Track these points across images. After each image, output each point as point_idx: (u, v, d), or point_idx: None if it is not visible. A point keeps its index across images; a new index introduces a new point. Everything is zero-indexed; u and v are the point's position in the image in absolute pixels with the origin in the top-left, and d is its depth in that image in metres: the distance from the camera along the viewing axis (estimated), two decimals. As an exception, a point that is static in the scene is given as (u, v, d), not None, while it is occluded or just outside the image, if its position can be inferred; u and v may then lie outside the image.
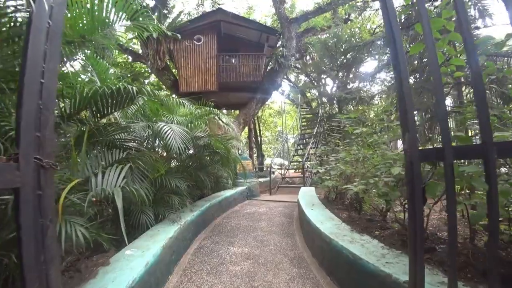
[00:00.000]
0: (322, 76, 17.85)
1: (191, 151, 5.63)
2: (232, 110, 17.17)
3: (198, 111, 4.58)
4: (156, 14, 12.01)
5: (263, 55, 12.41)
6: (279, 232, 4.51)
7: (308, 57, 14.19)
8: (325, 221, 3.54)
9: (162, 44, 11.72)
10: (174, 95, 12.94)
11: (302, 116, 14.23)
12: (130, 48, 16.25)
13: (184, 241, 3.77)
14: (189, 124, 4.19)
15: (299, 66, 18.04)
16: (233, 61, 12.35)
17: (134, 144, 3.54)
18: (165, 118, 3.94)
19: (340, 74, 13.64)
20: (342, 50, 11.38)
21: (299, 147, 12.65)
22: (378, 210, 3.61)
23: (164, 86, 13.70)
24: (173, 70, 13.30)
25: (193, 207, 4.81)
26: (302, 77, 19.70)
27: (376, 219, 3.49)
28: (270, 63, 13.38)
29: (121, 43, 16.47)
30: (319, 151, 6.37)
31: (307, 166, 8.71)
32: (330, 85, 18.54)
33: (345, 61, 11.69)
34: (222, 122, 5.39)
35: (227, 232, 4.60)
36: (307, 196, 5.45)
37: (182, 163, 5.08)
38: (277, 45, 12.99)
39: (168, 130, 3.34)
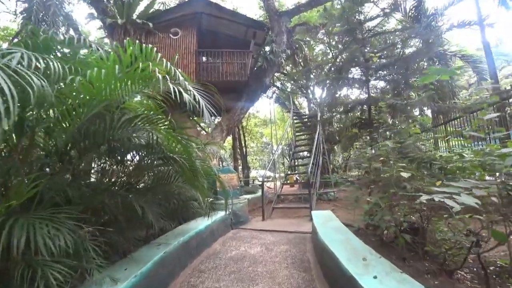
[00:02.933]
0: (310, 83, 15.93)
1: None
2: (213, 117, 14.77)
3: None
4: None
5: (250, 52, 10.22)
6: (299, 321, 2.05)
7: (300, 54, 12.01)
8: None
9: (130, 34, 9.28)
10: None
11: (295, 122, 11.89)
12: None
13: None
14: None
15: (286, 72, 16.05)
16: (216, 58, 10.04)
17: None
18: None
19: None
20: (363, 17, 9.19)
21: (293, 157, 10.27)
22: None
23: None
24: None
25: (126, 267, 2.28)
26: (289, 85, 17.72)
27: None
28: (257, 64, 11.24)
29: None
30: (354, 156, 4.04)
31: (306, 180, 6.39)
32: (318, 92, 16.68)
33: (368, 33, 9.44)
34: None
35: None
36: (335, 233, 3.02)
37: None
38: (265, 42, 10.87)
39: None
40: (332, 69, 15.42)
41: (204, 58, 10.02)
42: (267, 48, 9.92)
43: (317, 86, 15.38)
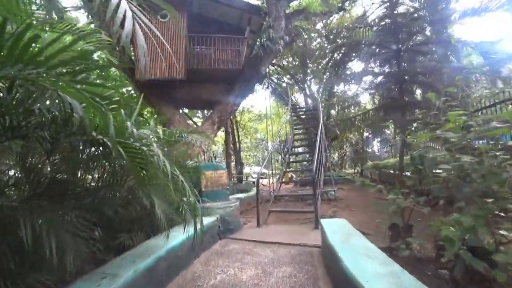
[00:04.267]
0: (307, 78, 14.96)
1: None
2: (206, 111, 13.60)
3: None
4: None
5: (245, 38, 9.15)
6: None
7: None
8: None
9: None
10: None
11: (293, 115, 10.77)
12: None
13: None
14: None
15: (283, 65, 15.00)
16: (208, 44, 8.91)
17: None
18: None
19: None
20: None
21: (291, 152, 9.22)
22: None
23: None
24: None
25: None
26: (285, 79, 16.65)
27: None
28: (252, 53, 10.14)
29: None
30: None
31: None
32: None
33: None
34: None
35: None
36: (367, 261, 1.99)
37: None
38: (262, 29, 9.79)
39: None
40: (330, 62, 14.48)
41: (194, 40, 8.85)
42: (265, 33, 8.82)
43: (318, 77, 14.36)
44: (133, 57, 9.36)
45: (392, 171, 11.09)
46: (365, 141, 15.92)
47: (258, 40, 8.77)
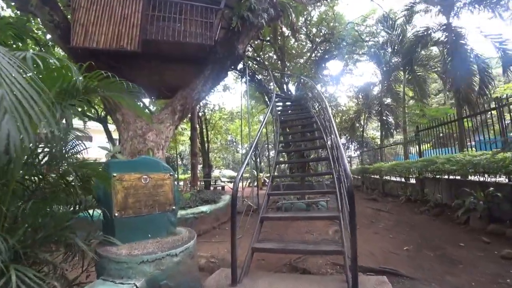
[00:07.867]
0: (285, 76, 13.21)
1: None
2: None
3: None
4: None
5: (219, 9, 7.00)
6: None
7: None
8: None
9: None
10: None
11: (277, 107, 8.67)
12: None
13: None
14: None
15: (259, 59, 13.06)
16: (172, 12, 6.58)
17: None
18: None
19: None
20: None
21: (278, 150, 7.02)
22: None
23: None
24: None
25: None
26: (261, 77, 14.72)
27: None
28: (228, 33, 8.00)
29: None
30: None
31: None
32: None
33: None
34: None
35: None
36: None
37: None
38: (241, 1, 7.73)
39: None
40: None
41: (154, 4, 6.48)
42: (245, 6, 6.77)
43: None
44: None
45: (377, 177, 9.60)
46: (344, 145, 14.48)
47: (236, 10, 6.70)
